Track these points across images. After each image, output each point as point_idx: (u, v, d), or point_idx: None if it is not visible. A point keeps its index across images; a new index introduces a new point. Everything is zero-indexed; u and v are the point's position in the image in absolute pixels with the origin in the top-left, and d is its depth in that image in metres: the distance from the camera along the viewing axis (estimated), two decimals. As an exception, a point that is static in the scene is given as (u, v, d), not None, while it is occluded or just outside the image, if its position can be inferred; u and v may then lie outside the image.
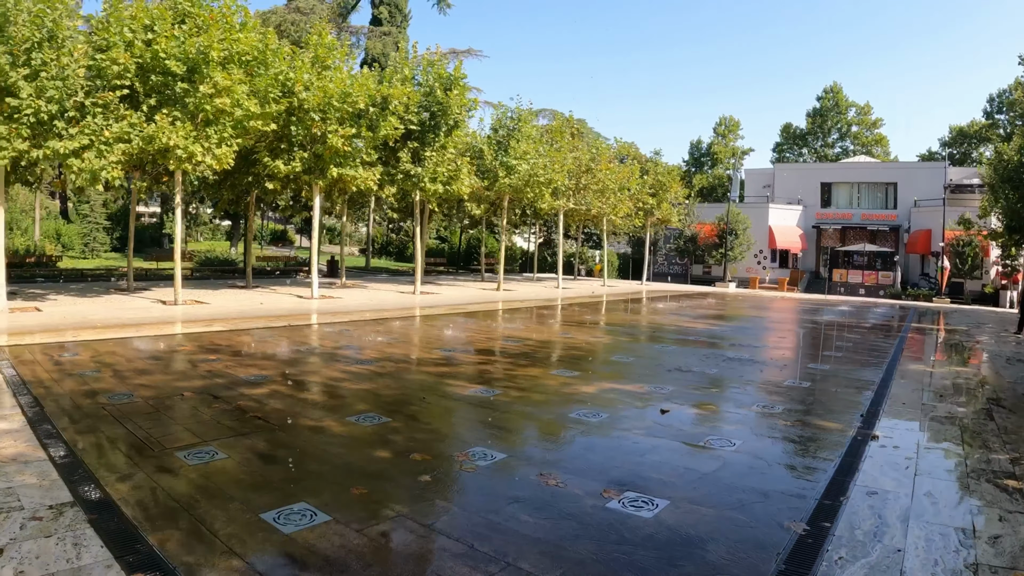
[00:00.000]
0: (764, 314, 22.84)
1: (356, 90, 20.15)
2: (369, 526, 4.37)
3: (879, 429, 7.18)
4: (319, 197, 21.96)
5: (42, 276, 25.92)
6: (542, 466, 5.69)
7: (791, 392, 9.26)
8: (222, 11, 17.92)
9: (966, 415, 8.07)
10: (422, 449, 6.07)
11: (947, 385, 9.99)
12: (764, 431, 7.08)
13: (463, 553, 4.01)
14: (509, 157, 25.89)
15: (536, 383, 9.30)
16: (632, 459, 5.96)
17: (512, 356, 11.74)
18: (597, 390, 8.87)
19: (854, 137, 72.01)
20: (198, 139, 17.48)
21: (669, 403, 8.10)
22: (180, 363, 10.39)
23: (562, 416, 7.45)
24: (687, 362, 11.60)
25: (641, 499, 4.93)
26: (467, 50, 44.59)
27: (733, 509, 4.81)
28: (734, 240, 43.34)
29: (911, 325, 20.80)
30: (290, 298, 21.24)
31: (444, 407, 7.94)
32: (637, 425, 7.11)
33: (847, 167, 52.32)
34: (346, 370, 9.95)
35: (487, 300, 24.34)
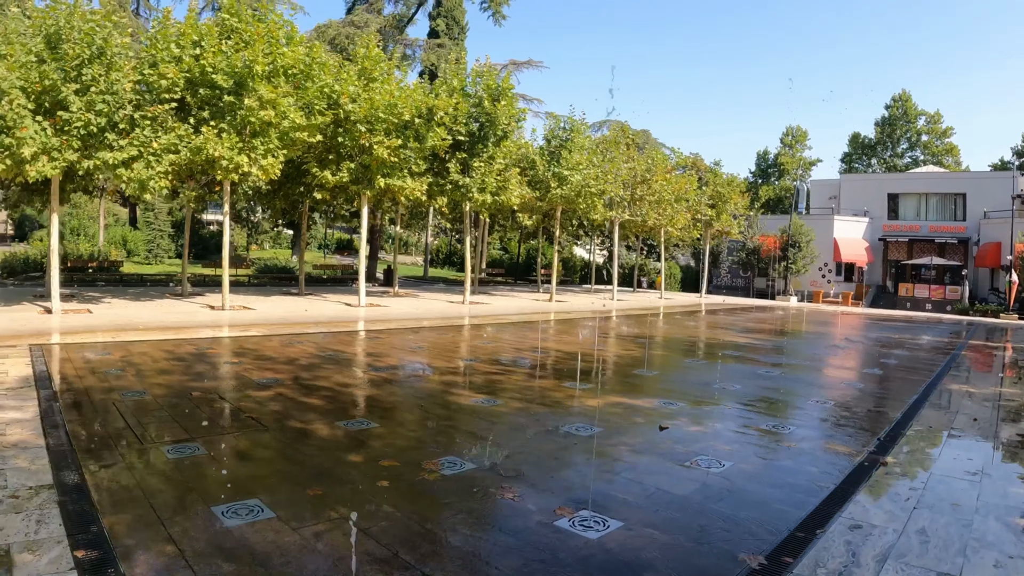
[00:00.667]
0: (813, 328, 21.94)
1: (401, 102, 20.24)
2: (306, 526, 4.41)
3: (896, 455, 6.59)
4: (367, 207, 22.09)
5: (103, 280, 26.85)
6: (507, 479, 5.50)
7: (811, 411, 8.76)
8: (267, 27, 18.25)
9: (997, 444, 7.38)
10: (395, 456, 6.07)
11: (985, 410, 9.15)
12: (763, 452, 6.60)
13: (383, 558, 3.98)
14: (561, 168, 25.68)
15: (543, 395, 9.03)
16: (605, 476, 5.67)
17: (531, 367, 11.51)
18: (603, 404, 8.52)
19: (924, 147, 69.20)
20: (244, 150, 17.81)
21: (675, 420, 7.70)
22: (203, 365, 10.61)
23: (553, 429, 7.15)
24: (711, 377, 11.15)
25: (594, 519, 4.65)
26: (527, 61, 44.61)
27: (690, 535, 4.45)
28: (797, 253, 42.13)
29: (969, 343, 19.39)
30: (337, 306, 21.45)
31: (438, 415, 7.75)
32: (627, 441, 6.76)
33: (914, 177, 50.28)
34: (358, 376, 9.96)
35: (534, 311, 24.10)
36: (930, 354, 16.24)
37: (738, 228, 38.67)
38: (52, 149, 15.35)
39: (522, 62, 44.71)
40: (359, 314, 19.92)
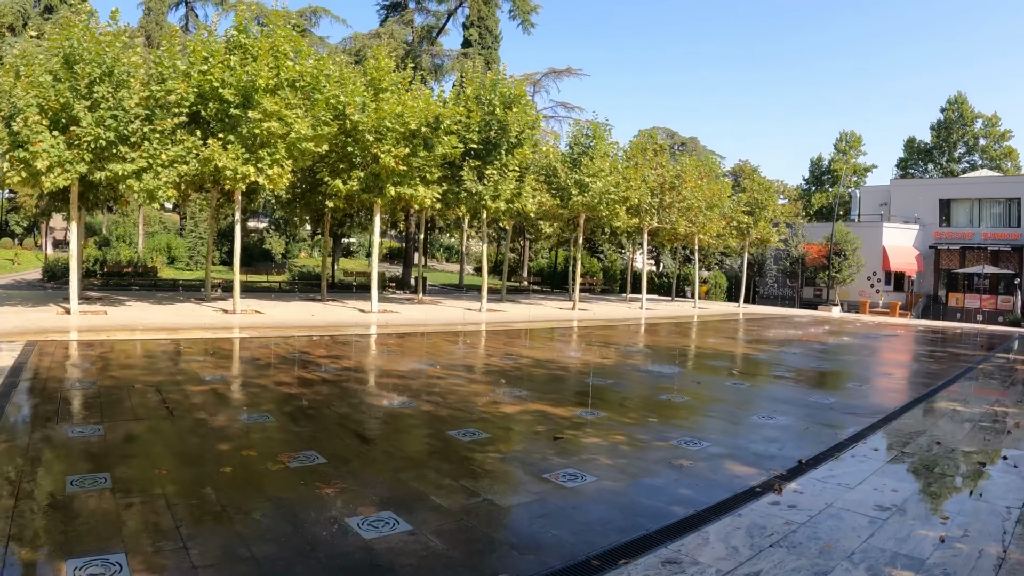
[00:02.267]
0: (835, 340, 21.11)
1: (408, 111, 20.43)
2: (131, 497, 4.96)
3: (808, 479, 6.00)
4: (378, 215, 22.33)
5: (138, 285, 27.86)
6: (341, 476, 5.67)
7: (753, 426, 8.14)
8: (273, 42, 18.77)
9: (946, 471, 6.53)
10: (259, 447, 6.40)
11: (959, 432, 8.29)
12: (645, 469, 6.20)
13: (164, 530, 4.42)
14: (582, 174, 25.45)
15: (463, 399, 8.98)
16: (444, 482, 5.63)
17: (479, 373, 11.53)
18: (518, 410, 8.44)
19: (982, 151, 66.08)
20: (250, 161, 18.24)
21: (583, 430, 7.53)
22: (167, 362, 11.29)
23: (440, 433, 7.18)
24: (654, 388, 10.70)
25: (388, 520, 4.68)
26: (566, 69, 44.43)
27: (469, 549, 4.35)
28: (842, 261, 40.82)
29: (994, 356, 18.35)
30: (349, 311, 21.78)
31: (336, 415, 7.82)
32: (506, 449, 6.70)
33: (967, 182, 48.01)
34: (301, 376, 10.21)
35: (552, 318, 24.02)
36: (945, 365, 15.68)
37: (778, 236, 37.61)
38: (65, 162, 16.15)
39: (561, 70, 44.61)
40: (364, 319, 20.26)
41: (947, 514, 5.25)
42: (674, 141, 55.11)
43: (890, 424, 8.53)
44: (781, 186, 59.34)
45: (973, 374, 14.06)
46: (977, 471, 6.55)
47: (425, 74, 34.70)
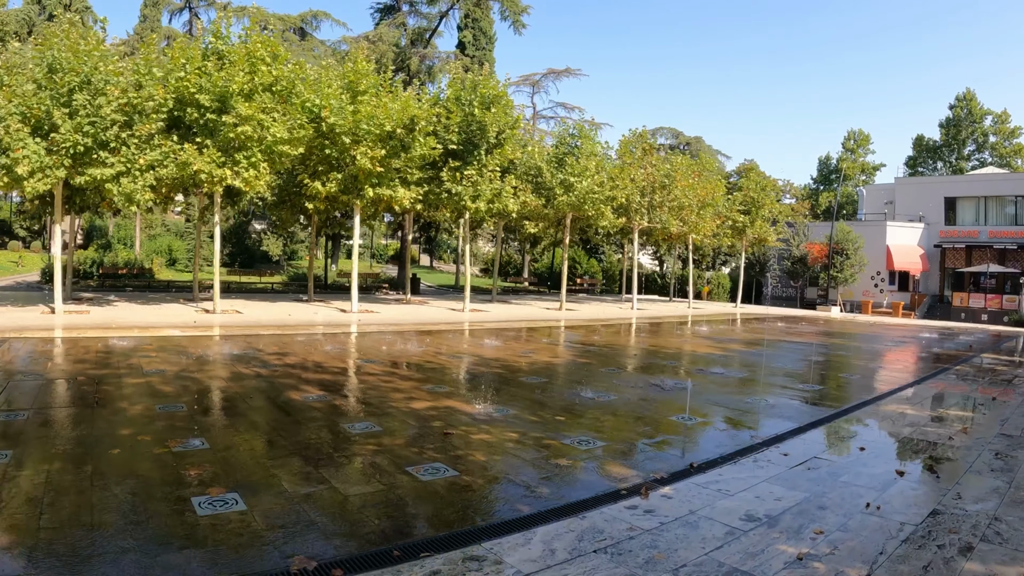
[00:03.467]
0: (815, 340, 21.23)
1: (383, 112, 20.80)
2: (13, 471, 5.62)
3: (691, 483, 5.88)
4: (358, 216, 22.73)
5: (132, 286, 28.62)
6: (212, 461, 6.08)
7: (665, 427, 8.12)
8: (249, 48, 19.41)
9: (857, 479, 6.21)
10: (157, 433, 6.95)
11: (897, 436, 8.08)
12: (511, 468, 6.23)
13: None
14: (567, 174, 25.68)
15: (381, 395, 9.39)
16: (299, 467, 6.06)
17: (424, 371, 11.87)
18: (429, 406, 8.77)
19: (992, 148, 65.32)
20: (226, 164, 18.76)
21: (482, 427, 7.72)
22: (120, 356, 11.93)
23: (332, 424, 7.65)
24: (580, 387, 10.80)
25: (226, 503, 5.10)
26: (565, 70, 44.73)
27: (266, 531, 4.68)
28: (844, 261, 40.65)
29: (979, 357, 18.26)
30: (330, 312, 22.29)
31: (246, 407, 8.28)
32: (388, 442, 6.96)
33: (973, 179, 47.40)
34: (239, 371, 10.82)
35: (533, 318, 24.44)
36: (910, 369, 15.66)
37: (777, 235, 37.57)
38: (45, 167, 16.97)
39: (560, 71, 44.91)
40: (341, 319, 20.77)
41: (824, 528, 4.91)
42: (678, 141, 55.11)
43: (818, 428, 8.39)
44: (788, 185, 58.94)
45: (943, 377, 13.77)
46: (889, 482, 6.15)
47: (416, 76, 35.15)
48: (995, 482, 6.21)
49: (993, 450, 7.38)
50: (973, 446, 7.56)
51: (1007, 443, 7.72)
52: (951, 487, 6.04)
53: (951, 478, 6.34)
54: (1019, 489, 6.03)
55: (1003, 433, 8.29)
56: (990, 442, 7.74)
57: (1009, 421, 9.03)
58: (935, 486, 6.12)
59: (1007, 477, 6.38)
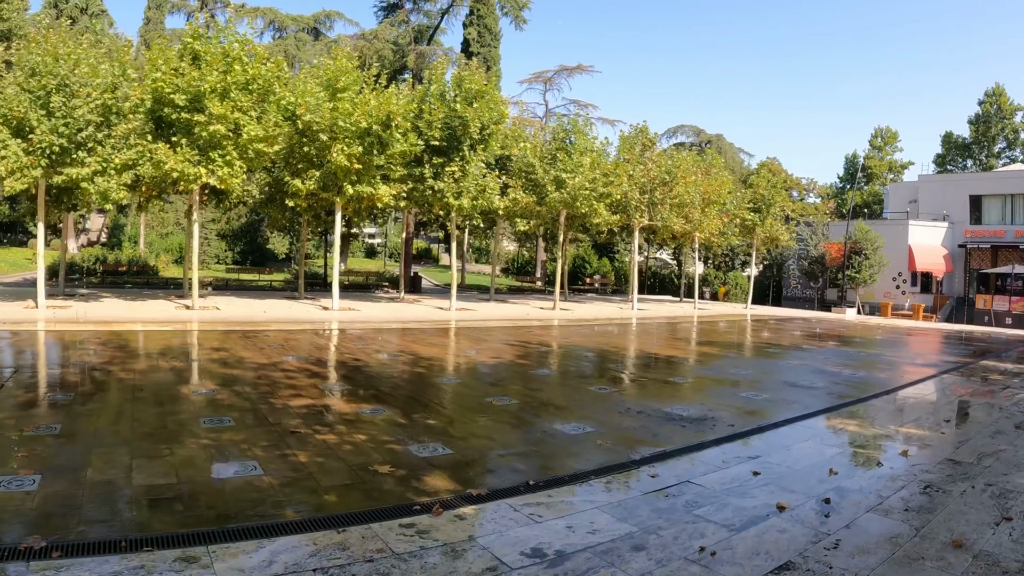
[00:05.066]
0: (807, 344, 20.98)
1: (360, 109, 21.01)
2: None
3: (505, 504, 5.40)
4: (339, 213, 23.01)
5: (131, 283, 29.22)
6: (47, 445, 6.58)
7: (541, 436, 7.76)
8: (224, 49, 20.05)
9: (718, 512, 5.51)
10: (29, 421, 7.39)
11: (819, 457, 7.23)
12: (321, 470, 6.15)
13: None
14: (559, 170, 25.69)
15: (274, 392, 9.75)
16: (115, 456, 6.40)
17: (341, 369, 12.25)
18: (308, 404, 9.04)
19: (1023, 145, 63.78)
20: (201, 163, 19.24)
21: (347, 428, 7.85)
22: (76, 349, 12.73)
23: (194, 420, 7.91)
24: (521, 390, 10.69)
25: (21, 483, 5.55)
26: (578, 66, 44.71)
27: (28, 507, 5.03)
28: (862, 261, 39.88)
29: (978, 363, 17.27)
30: (311, 309, 22.75)
31: (138, 398, 8.81)
32: (237, 438, 7.10)
33: (999, 177, 46.01)
34: (159, 364, 11.40)
35: (519, 318, 24.63)
36: (887, 376, 14.40)
37: (789, 233, 37.02)
38: (24, 167, 17.81)
39: (572, 67, 44.94)
40: (317, 316, 21.24)
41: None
42: (699, 139, 54.67)
43: (720, 446, 7.55)
44: (811, 184, 57.94)
45: (918, 388, 12.92)
46: (757, 519, 5.30)
47: (416, 73, 35.45)
48: (898, 527, 5.18)
49: (923, 482, 6.36)
50: (901, 475, 6.59)
51: (946, 473, 6.69)
52: (835, 531, 5.07)
53: (844, 517, 5.36)
54: (924, 540, 4.93)
55: (951, 459, 7.27)
56: (927, 471, 6.78)
57: (968, 444, 8.02)
58: (813, 528, 5.13)
59: (918, 521, 5.32)
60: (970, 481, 6.44)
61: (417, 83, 31.42)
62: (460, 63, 30.30)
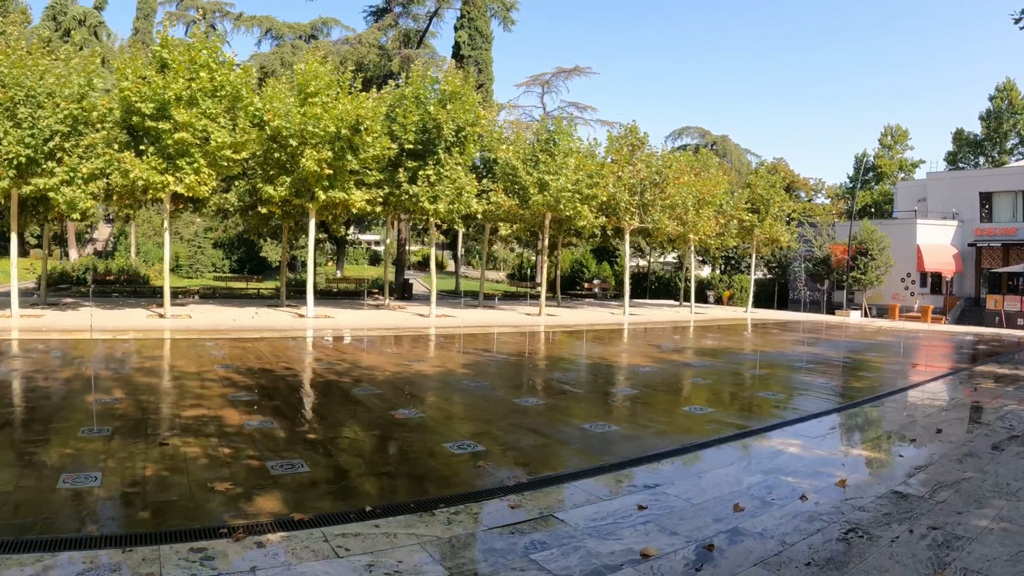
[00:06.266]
0: (790, 349, 20.22)
1: (330, 114, 20.38)
2: None
3: (314, 533, 4.80)
4: (312, 219, 22.31)
5: (119, 292, 29.41)
6: None
7: (418, 455, 7.13)
8: (191, 55, 19.95)
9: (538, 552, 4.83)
10: None
11: (734, 484, 6.32)
12: (156, 484, 5.84)
13: None
14: (542, 172, 24.68)
15: (179, 400, 9.79)
16: None
17: (263, 379, 11.83)
18: (198, 413, 9.00)
19: None
20: (168, 171, 19.07)
21: (220, 440, 7.26)
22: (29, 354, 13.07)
23: (80, 424, 8.08)
24: (439, 403, 10.30)
25: None
26: (575, 68, 44.05)
27: None
28: (868, 262, 38.42)
29: (973, 369, 16.32)
30: (284, 317, 22.99)
31: (33, 407, 9.18)
32: (102, 447, 6.84)
33: (1010, 172, 44.61)
34: (80, 374, 11.47)
35: (501, 323, 24.29)
36: (862, 386, 13.15)
37: (791, 234, 35.67)
38: None
39: (569, 69, 44.25)
40: (289, 324, 21.00)
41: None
42: (705, 140, 53.58)
43: (625, 470, 6.73)
44: (819, 184, 56.64)
45: (891, 400, 11.52)
46: (588, 572, 4.38)
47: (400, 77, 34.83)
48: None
49: (849, 524, 5.23)
50: (824, 514, 5.49)
51: (884, 512, 5.57)
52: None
53: (719, 574, 4.41)
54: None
55: (898, 491, 6.16)
56: (861, 507, 5.68)
57: (926, 470, 6.91)
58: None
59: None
60: (910, 523, 5.33)
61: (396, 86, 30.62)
62: (448, 66, 29.39)
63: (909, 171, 68.87)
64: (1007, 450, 7.78)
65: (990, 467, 7.02)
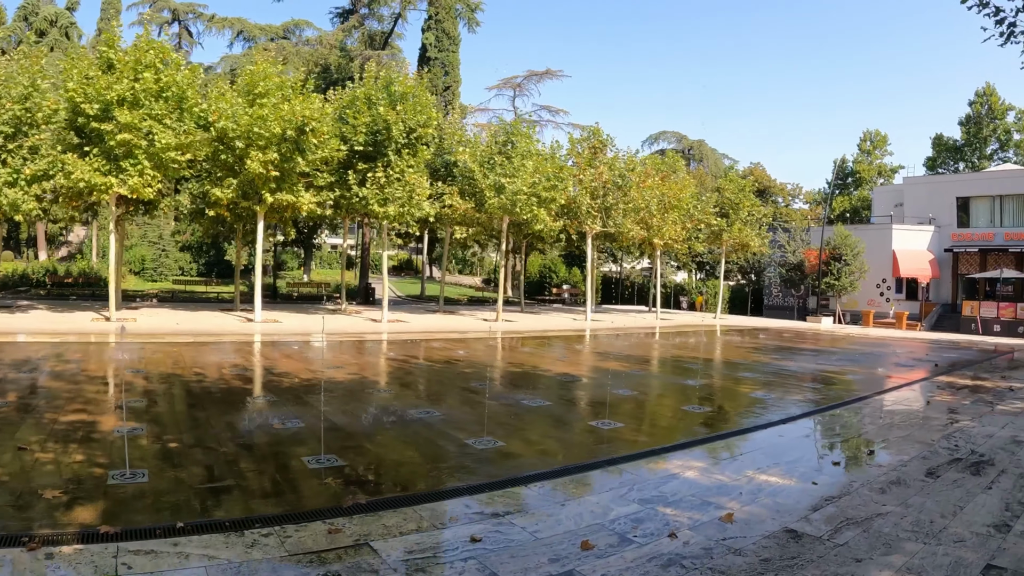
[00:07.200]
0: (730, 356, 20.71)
1: (273, 115, 20.86)
2: None
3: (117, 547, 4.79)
4: (261, 222, 22.82)
5: (76, 294, 30.26)
6: None
7: (230, 469, 6.94)
8: (137, 55, 20.42)
9: None
10: None
11: (599, 516, 5.75)
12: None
13: None
14: (498, 175, 25.28)
15: (64, 404, 10.87)
16: None
17: (165, 384, 12.07)
18: (74, 419, 9.74)
19: (1016, 146, 62.73)
20: (112, 172, 19.25)
21: (78, 446, 7.38)
22: None
23: None
24: (305, 406, 10.05)
25: None
26: (546, 71, 44.77)
27: None
28: (842, 267, 39.01)
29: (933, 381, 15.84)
30: (232, 321, 23.28)
31: None
32: None
33: (987, 177, 45.36)
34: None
35: (455, 330, 24.79)
36: (800, 397, 12.84)
37: (761, 239, 36.25)
38: None
39: (541, 72, 45.02)
40: (236, 328, 21.57)
41: None
42: (682, 145, 54.23)
43: (493, 493, 6.32)
44: (796, 189, 57.23)
45: (840, 413, 11.34)
46: None
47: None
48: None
49: (713, 573, 4.64)
50: (687, 557, 4.90)
51: (762, 558, 4.90)
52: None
53: None
54: None
55: (792, 529, 5.49)
56: (736, 549, 5.06)
57: (837, 502, 6.23)
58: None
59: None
60: (790, 574, 4.65)
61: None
62: (405, 67, 30.06)
63: (888, 176, 70.02)
64: (943, 477, 7.16)
65: (916, 499, 6.37)
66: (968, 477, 7.16)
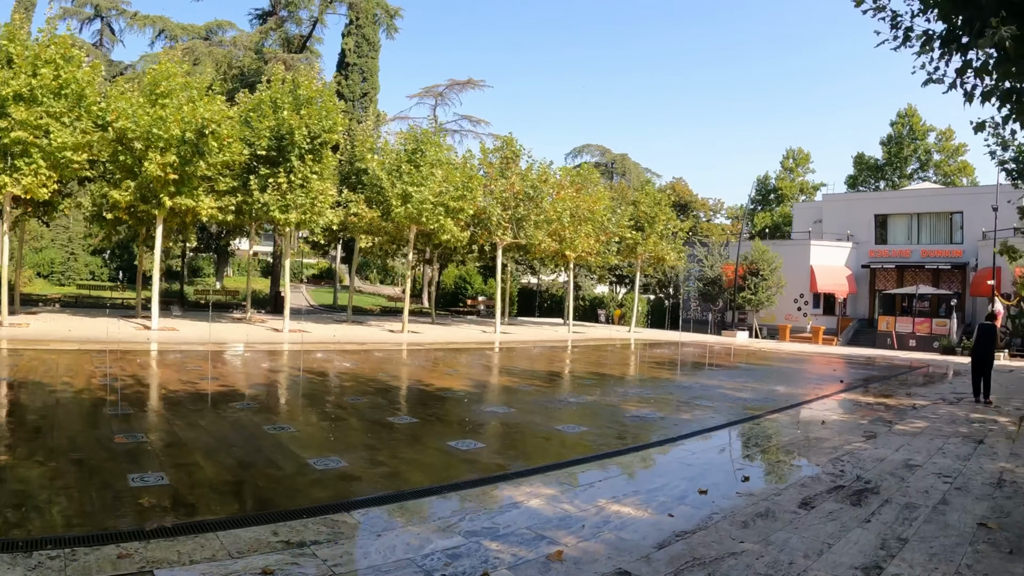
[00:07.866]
0: (615, 373, 21.45)
1: (173, 116, 21.15)
2: None
3: None
4: (160, 227, 23.09)
5: None
6: None
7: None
8: (37, 53, 20.89)
9: None
10: None
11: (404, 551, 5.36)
12: None
13: None
14: (405, 184, 25.88)
15: None
16: None
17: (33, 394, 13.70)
18: None
19: (936, 166, 66.83)
20: (4, 171, 19.44)
21: None
22: None
23: None
24: (180, 422, 9.81)
25: None
26: (468, 81, 45.83)
27: None
28: (759, 282, 40.45)
29: (835, 398, 16.04)
30: (127, 329, 23.30)
31: None
32: None
33: (904, 195, 48.89)
34: None
35: (356, 341, 25.29)
36: (676, 419, 12.08)
37: (678, 253, 37.46)
38: None
39: (463, 82, 45.91)
40: (129, 336, 21.76)
41: None
42: (605, 158, 55.66)
43: (300, 522, 5.91)
44: (719, 204, 58.96)
45: (721, 435, 11.00)
46: None
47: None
48: None
49: None
50: None
51: None
52: None
53: None
54: None
55: (625, 571, 5.06)
56: None
57: (688, 539, 5.79)
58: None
59: None
60: None
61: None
62: (315, 71, 30.56)
63: (810, 193, 73.66)
64: (817, 508, 6.79)
65: (781, 535, 5.95)
66: (847, 508, 6.82)
